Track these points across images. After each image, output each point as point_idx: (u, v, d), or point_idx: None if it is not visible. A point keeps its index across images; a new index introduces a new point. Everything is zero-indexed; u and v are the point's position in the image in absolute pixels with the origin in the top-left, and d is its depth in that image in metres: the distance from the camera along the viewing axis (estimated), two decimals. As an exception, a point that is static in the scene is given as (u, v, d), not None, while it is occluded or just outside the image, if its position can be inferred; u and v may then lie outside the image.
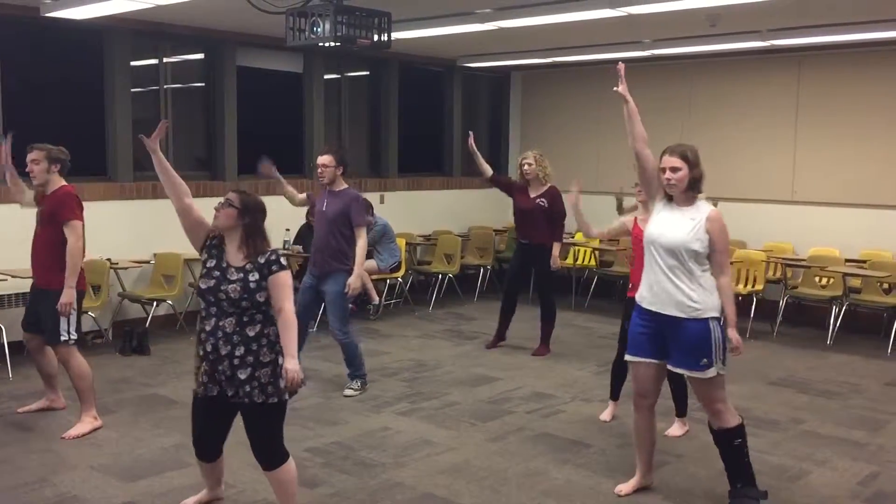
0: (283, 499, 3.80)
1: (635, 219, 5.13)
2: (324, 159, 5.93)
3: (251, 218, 3.65)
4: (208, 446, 3.85)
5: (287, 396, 3.67)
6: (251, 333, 3.60)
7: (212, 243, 3.73)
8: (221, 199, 3.68)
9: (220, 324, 3.60)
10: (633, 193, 5.29)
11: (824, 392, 6.24)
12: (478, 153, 7.27)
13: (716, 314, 3.92)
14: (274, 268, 3.62)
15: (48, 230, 5.02)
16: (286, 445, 4.84)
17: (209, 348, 3.61)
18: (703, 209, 3.94)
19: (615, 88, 4.19)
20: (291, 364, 3.57)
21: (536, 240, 7.06)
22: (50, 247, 5.01)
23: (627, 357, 4.17)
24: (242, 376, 3.57)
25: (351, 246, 5.89)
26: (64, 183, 5.10)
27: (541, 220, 7.04)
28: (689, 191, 3.94)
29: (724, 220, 3.94)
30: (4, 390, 5.94)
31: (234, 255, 3.66)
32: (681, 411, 5.25)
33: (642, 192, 4.98)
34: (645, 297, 4.04)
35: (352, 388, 5.98)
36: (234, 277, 3.60)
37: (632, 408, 5.69)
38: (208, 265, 3.69)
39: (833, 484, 4.50)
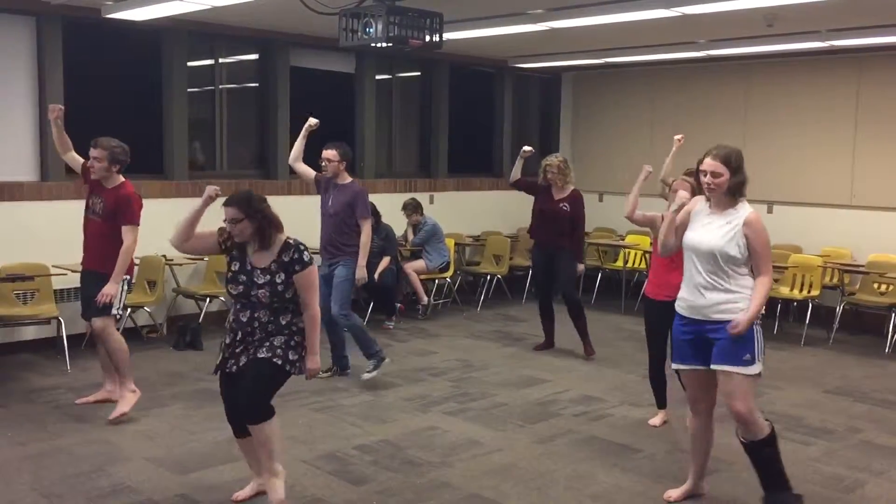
0: (262, 454, 3.90)
1: (663, 216, 5.08)
2: (328, 153, 6.11)
3: (260, 214, 3.77)
4: (234, 417, 3.96)
5: (292, 369, 3.82)
6: (283, 321, 3.82)
7: (231, 245, 3.88)
8: (224, 222, 3.80)
9: (256, 314, 3.80)
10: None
11: (882, 401, 6.08)
12: (521, 161, 7.14)
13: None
14: (297, 267, 3.77)
15: (107, 224, 5.22)
16: (334, 443, 4.90)
17: (241, 336, 3.82)
18: (741, 212, 3.85)
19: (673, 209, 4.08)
20: (313, 362, 3.83)
21: (556, 243, 7.03)
22: (106, 238, 5.22)
23: (674, 365, 4.10)
24: (269, 342, 3.80)
25: (356, 237, 6.09)
26: (123, 180, 5.30)
27: (563, 224, 7.01)
28: (729, 196, 3.85)
29: (764, 223, 3.85)
30: (63, 382, 6.10)
31: (258, 256, 3.81)
32: (662, 403, 5.43)
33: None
34: (685, 304, 3.98)
35: (368, 371, 6.11)
36: (262, 281, 3.77)
37: (682, 413, 5.64)
38: (233, 268, 3.86)
39: (890, 496, 4.38)
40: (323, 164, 6.14)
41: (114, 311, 5.27)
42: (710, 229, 3.87)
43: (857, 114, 8.78)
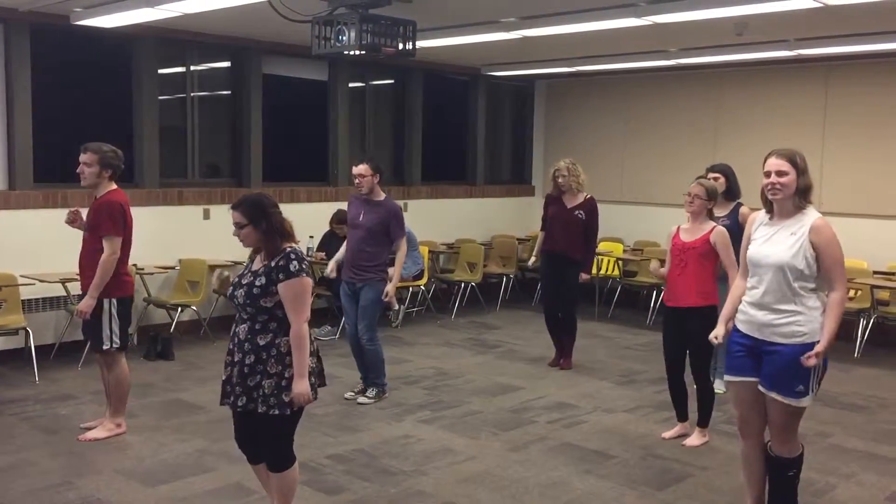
0: (279, 500, 3.72)
1: (678, 227, 5.09)
2: (360, 169, 5.84)
3: (266, 220, 3.50)
4: (245, 448, 3.74)
5: (289, 410, 3.52)
6: (262, 342, 3.49)
7: (251, 255, 3.69)
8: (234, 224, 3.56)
9: (237, 329, 3.57)
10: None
11: (851, 406, 6.15)
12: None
13: (819, 339, 3.57)
14: (281, 275, 3.45)
15: (91, 236, 4.96)
16: (308, 452, 4.87)
17: (228, 353, 3.60)
18: (806, 220, 3.56)
19: None
20: (298, 386, 3.46)
21: (568, 251, 6.83)
22: (93, 254, 4.92)
23: (727, 377, 3.82)
24: (251, 384, 3.50)
25: (385, 254, 5.90)
26: (113, 188, 4.99)
27: (576, 232, 6.81)
28: (795, 200, 3.57)
29: (833, 230, 3.56)
30: (31, 393, 6.00)
31: (258, 260, 3.61)
32: (702, 421, 5.21)
33: (693, 204, 4.96)
34: (745, 318, 3.71)
35: (367, 396, 5.98)
36: (245, 282, 3.53)
37: (652, 418, 5.68)
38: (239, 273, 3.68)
39: (859, 498, 4.43)
40: (357, 181, 5.88)
41: (105, 346, 4.96)
42: (775, 241, 3.59)
43: (824, 121, 8.90)
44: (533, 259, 7.41)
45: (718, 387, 5.72)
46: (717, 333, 3.99)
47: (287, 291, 3.45)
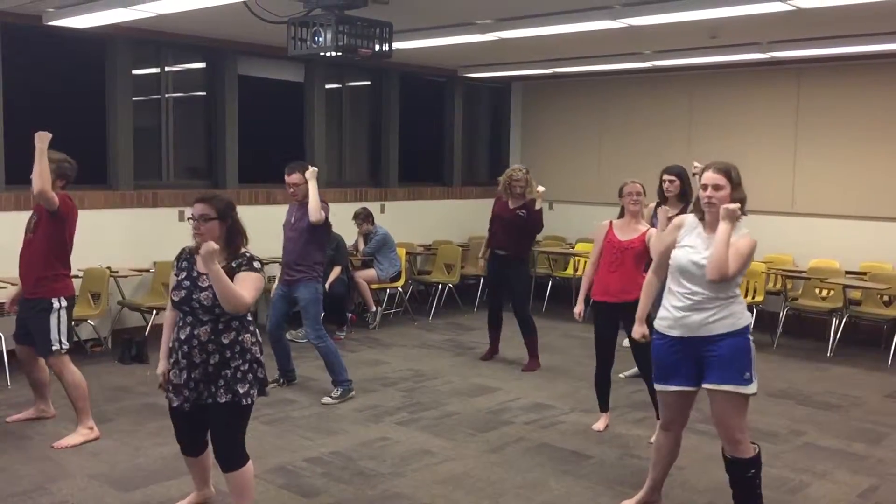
0: (237, 500, 3.78)
1: (611, 222, 5.30)
2: (293, 178, 6.02)
3: (231, 218, 3.67)
4: (190, 443, 3.94)
5: (251, 400, 3.67)
6: (226, 341, 3.64)
7: (182, 257, 3.77)
8: (191, 217, 3.63)
9: (196, 332, 3.62)
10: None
11: (824, 404, 6.22)
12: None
13: (749, 324, 3.71)
14: (243, 269, 3.63)
15: (39, 236, 4.95)
16: (285, 455, 4.85)
17: (180, 356, 3.66)
18: (735, 237, 3.60)
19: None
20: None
21: (513, 250, 7.00)
22: (40, 254, 4.95)
23: (657, 386, 3.89)
24: (214, 378, 3.63)
25: (319, 254, 6.09)
26: (63, 195, 5.00)
27: (520, 231, 6.98)
28: None
29: (754, 248, 3.64)
30: (3, 398, 5.93)
31: (209, 261, 3.60)
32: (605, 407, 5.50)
33: (636, 203, 5.21)
34: (674, 323, 3.73)
35: (330, 396, 6.01)
36: (205, 285, 3.61)
37: (628, 418, 5.71)
38: (179, 277, 3.71)
39: (832, 496, 4.48)
40: (291, 190, 6.03)
41: (54, 347, 4.99)
42: (704, 251, 3.64)
43: (797, 123, 9.01)
44: (481, 262, 7.60)
45: None
46: (644, 332, 4.24)
47: (247, 278, 3.62)
